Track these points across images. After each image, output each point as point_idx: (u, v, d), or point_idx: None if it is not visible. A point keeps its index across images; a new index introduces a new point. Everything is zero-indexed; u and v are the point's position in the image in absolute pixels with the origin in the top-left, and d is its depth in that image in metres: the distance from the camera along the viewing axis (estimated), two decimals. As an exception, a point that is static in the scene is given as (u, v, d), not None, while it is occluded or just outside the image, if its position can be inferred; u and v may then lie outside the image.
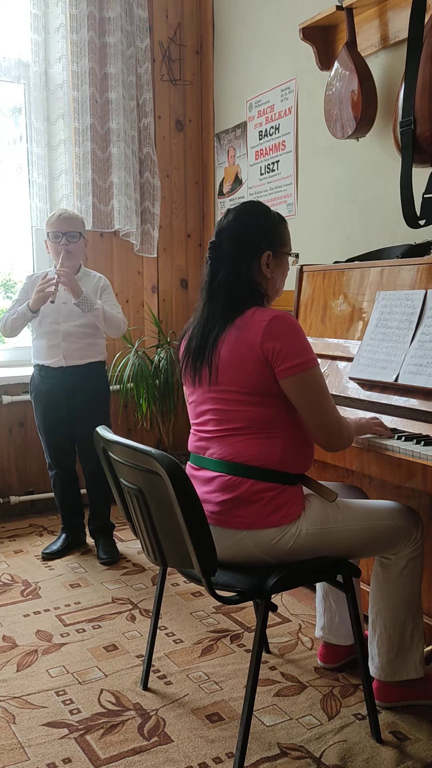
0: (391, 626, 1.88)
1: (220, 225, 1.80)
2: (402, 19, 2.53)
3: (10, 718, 1.93)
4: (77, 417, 3.02)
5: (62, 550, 3.08)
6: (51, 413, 3.01)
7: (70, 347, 2.96)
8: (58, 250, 2.91)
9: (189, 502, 1.53)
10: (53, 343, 2.96)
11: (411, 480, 1.79)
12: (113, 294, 3.08)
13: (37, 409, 3.06)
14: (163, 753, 1.78)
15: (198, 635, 2.38)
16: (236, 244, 1.76)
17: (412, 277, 2.20)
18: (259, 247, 1.77)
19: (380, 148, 2.74)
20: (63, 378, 2.98)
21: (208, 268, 1.79)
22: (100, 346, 3.06)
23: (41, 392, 3.02)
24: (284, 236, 1.83)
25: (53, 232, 2.92)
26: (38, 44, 3.47)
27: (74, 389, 2.99)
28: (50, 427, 3.03)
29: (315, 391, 1.68)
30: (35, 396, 3.05)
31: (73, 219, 2.94)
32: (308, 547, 1.72)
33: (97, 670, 2.17)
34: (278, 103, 3.34)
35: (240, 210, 1.81)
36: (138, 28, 3.66)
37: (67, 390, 2.98)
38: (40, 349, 3.00)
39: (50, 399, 3.00)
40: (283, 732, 1.85)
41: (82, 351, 2.99)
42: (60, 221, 2.91)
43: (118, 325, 2.99)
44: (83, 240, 2.99)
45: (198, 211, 4.04)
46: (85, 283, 2.98)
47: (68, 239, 2.91)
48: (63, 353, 2.96)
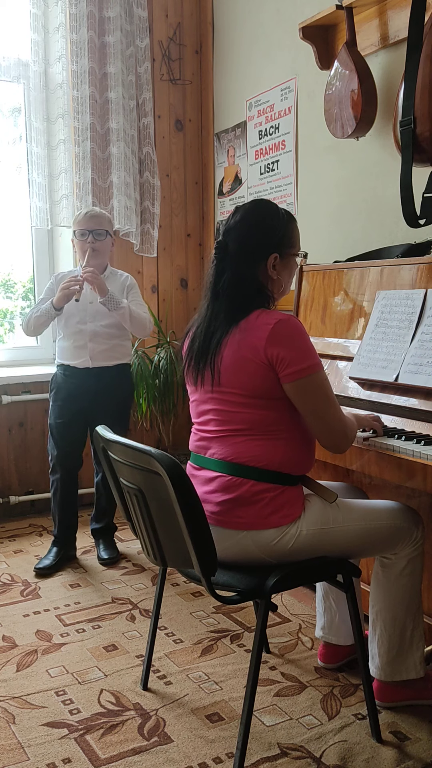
0: (391, 626, 1.88)
1: (228, 224, 1.78)
2: (402, 18, 2.52)
3: (10, 718, 1.93)
4: (98, 417, 2.92)
5: (55, 565, 2.96)
6: (68, 412, 2.96)
7: (97, 348, 2.93)
8: (84, 249, 2.89)
9: (189, 502, 1.53)
10: (80, 344, 2.93)
11: (411, 480, 1.78)
12: (139, 293, 3.06)
13: (54, 406, 3.00)
14: (163, 753, 1.77)
15: (198, 635, 2.37)
16: (242, 246, 1.74)
17: (412, 277, 2.20)
18: (265, 249, 1.75)
19: (380, 148, 2.74)
20: (89, 379, 2.94)
21: (213, 268, 1.78)
22: (126, 347, 3.03)
23: (62, 390, 2.97)
24: (292, 237, 1.81)
25: (80, 230, 2.90)
26: (38, 44, 3.47)
27: (99, 391, 2.94)
28: (63, 426, 2.97)
29: (320, 395, 1.68)
30: (55, 393, 3.00)
31: (99, 217, 2.93)
32: (308, 548, 1.72)
33: (97, 670, 2.17)
34: (278, 103, 3.34)
35: (248, 209, 1.78)
36: (138, 28, 3.66)
37: (92, 391, 2.94)
38: (66, 349, 2.97)
39: (70, 398, 2.95)
40: (284, 732, 1.85)
41: (109, 352, 2.96)
42: (87, 219, 2.89)
43: (144, 325, 2.96)
44: (110, 239, 2.97)
45: (198, 211, 4.04)
46: (111, 282, 2.96)
47: (95, 237, 2.88)
48: (90, 354, 2.92)
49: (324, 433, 1.72)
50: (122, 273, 3.07)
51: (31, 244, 3.78)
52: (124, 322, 2.93)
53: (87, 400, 2.95)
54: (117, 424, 2.08)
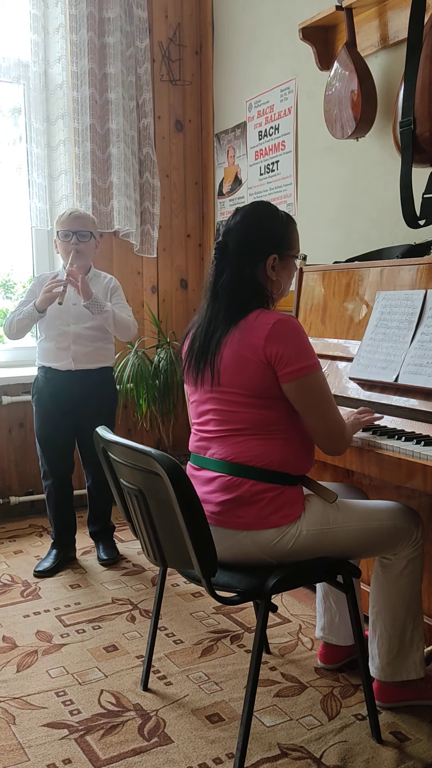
0: (391, 627, 1.88)
1: (228, 225, 1.79)
2: (402, 19, 2.53)
3: (10, 719, 1.93)
4: (83, 422, 2.92)
5: (54, 568, 2.94)
6: (52, 417, 2.92)
7: (80, 350, 2.89)
8: (68, 250, 2.85)
9: (189, 503, 1.53)
10: (62, 346, 2.88)
11: (411, 480, 1.78)
12: (123, 295, 3.02)
13: (37, 412, 2.96)
14: (164, 754, 1.77)
15: (198, 636, 2.38)
16: (242, 246, 1.75)
17: (412, 277, 2.20)
18: (265, 250, 1.76)
19: (380, 148, 2.74)
20: (72, 382, 2.90)
21: (213, 269, 1.78)
22: (109, 350, 3.00)
23: (44, 395, 2.92)
24: (292, 239, 1.82)
25: (63, 230, 2.86)
26: (38, 44, 3.47)
27: (82, 394, 2.91)
28: (49, 432, 2.93)
29: (317, 395, 1.68)
30: (37, 399, 2.95)
31: (84, 218, 2.89)
32: (308, 548, 1.72)
33: (97, 671, 2.17)
34: (278, 104, 3.34)
35: (248, 211, 1.79)
36: (137, 29, 3.66)
37: (75, 394, 2.90)
38: (48, 351, 2.91)
39: (53, 402, 2.91)
40: (284, 732, 1.85)
41: (92, 355, 2.92)
42: (71, 220, 2.85)
43: (128, 328, 2.92)
44: (94, 240, 2.93)
45: (198, 212, 4.04)
46: (95, 284, 2.92)
47: (78, 238, 2.85)
48: (72, 356, 2.88)
49: (322, 434, 1.72)
50: (106, 275, 3.03)
51: (31, 244, 3.78)
52: (108, 326, 2.89)
53: (70, 403, 2.91)
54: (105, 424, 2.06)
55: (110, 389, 3.03)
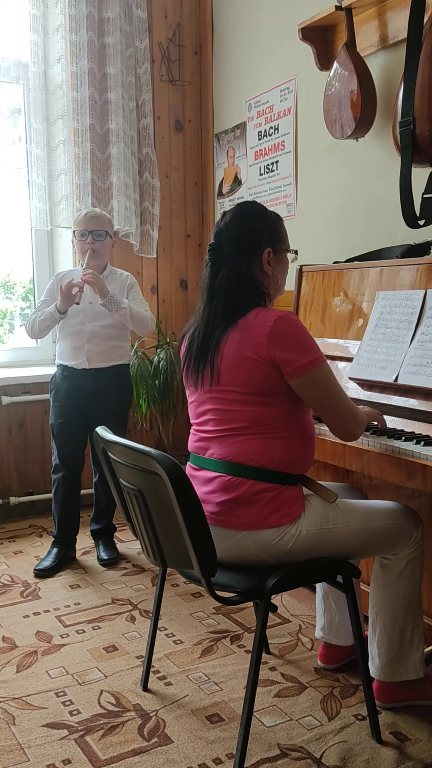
0: (391, 627, 1.88)
1: (218, 227, 1.81)
2: (401, 19, 2.53)
3: (10, 719, 1.93)
4: (96, 418, 2.89)
5: (55, 567, 2.95)
6: (66, 413, 2.96)
7: (94, 349, 2.93)
8: (84, 249, 2.89)
9: (189, 503, 1.53)
10: (77, 345, 2.93)
11: (411, 480, 1.78)
12: (140, 292, 3.06)
13: (54, 407, 3.01)
14: (163, 754, 1.77)
15: (198, 636, 2.37)
16: (236, 244, 1.76)
17: (411, 277, 2.20)
18: (258, 245, 1.77)
19: (380, 149, 2.74)
20: (86, 380, 2.94)
21: (209, 269, 1.79)
22: (125, 348, 3.03)
23: (61, 390, 2.98)
24: (282, 233, 1.84)
25: (80, 230, 2.90)
26: (37, 45, 3.47)
27: (97, 392, 2.94)
28: (63, 427, 2.98)
29: (326, 388, 1.70)
30: (55, 394, 3.01)
31: (99, 218, 2.93)
32: (308, 548, 1.72)
33: (96, 671, 2.17)
34: (277, 104, 3.34)
35: (237, 210, 1.82)
36: (137, 29, 3.66)
37: (89, 392, 2.94)
38: (65, 349, 2.97)
39: (69, 399, 2.96)
40: (283, 733, 1.85)
41: (107, 353, 2.95)
42: (86, 220, 2.90)
43: (146, 323, 2.96)
44: (110, 239, 2.97)
45: (197, 212, 4.04)
46: (111, 282, 2.96)
47: (94, 238, 2.89)
48: (87, 355, 2.92)
49: (336, 423, 1.75)
50: (122, 272, 3.07)
51: (31, 245, 3.78)
52: (126, 322, 2.93)
53: (85, 401, 2.95)
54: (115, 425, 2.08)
55: (124, 387, 3.06)
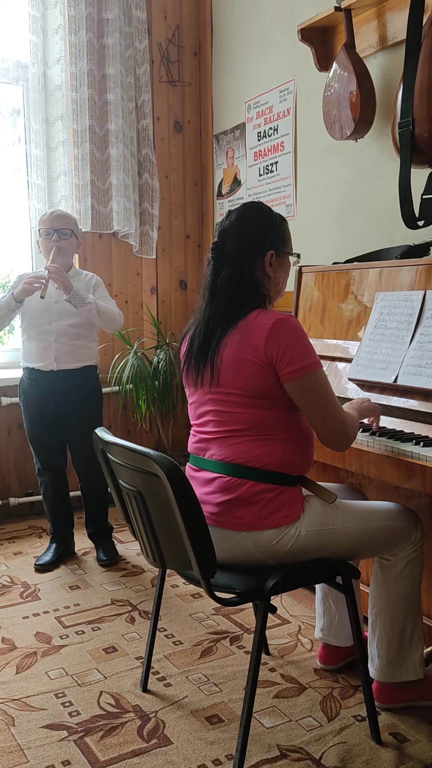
0: (390, 627, 1.88)
1: (222, 225, 1.80)
2: (400, 20, 2.53)
3: (10, 720, 1.93)
4: (69, 423, 2.95)
5: (54, 561, 2.97)
6: (40, 418, 2.95)
7: (62, 349, 2.90)
8: (49, 247, 2.88)
9: (188, 504, 1.53)
10: (44, 345, 2.90)
11: (410, 481, 1.78)
12: (106, 290, 3.04)
13: (25, 413, 2.99)
14: (163, 755, 1.77)
15: (197, 637, 2.37)
16: (239, 244, 1.76)
17: (411, 278, 2.20)
18: (262, 246, 1.77)
19: (379, 149, 2.74)
20: (54, 382, 2.91)
21: (211, 269, 1.79)
22: (92, 349, 3.00)
23: (30, 396, 2.95)
24: (286, 236, 1.83)
25: (45, 228, 2.89)
26: (37, 46, 3.47)
27: (66, 394, 2.92)
28: (39, 433, 2.97)
29: (319, 394, 1.69)
30: (24, 400, 2.99)
31: (65, 217, 2.92)
32: (308, 549, 1.72)
33: (96, 672, 2.17)
34: (277, 104, 3.34)
35: (242, 210, 1.81)
36: (136, 30, 3.66)
37: (58, 395, 2.91)
38: (31, 351, 2.94)
39: (39, 403, 2.93)
40: (283, 734, 1.85)
41: (74, 353, 2.92)
42: (52, 219, 2.89)
43: (113, 318, 2.94)
44: (75, 239, 2.94)
45: (197, 213, 4.04)
46: (76, 282, 2.93)
47: (60, 236, 2.87)
48: (54, 355, 2.90)
49: (325, 431, 1.73)
50: (87, 273, 3.05)
51: (30, 245, 3.78)
52: (92, 318, 2.90)
53: (56, 404, 2.93)
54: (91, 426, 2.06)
55: (93, 389, 3.03)
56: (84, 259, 3.70)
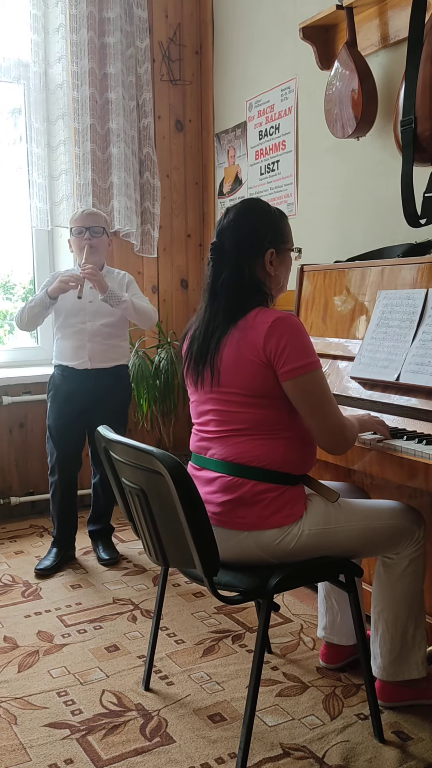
0: (393, 626, 1.88)
1: (221, 225, 1.79)
2: (402, 18, 2.52)
3: (12, 719, 1.93)
4: (96, 417, 2.92)
5: (55, 566, 2.95)
6: (66, 415, 2.95)
7: (96, 348, 2.92)
8: (81, 246, 2.88)
9: (191, 502, 1.53)
10: (79, 344, 2.92)
11: (413, 479, 1.78)
12: (138, 287, 3.06)
13: (51, 408, 2.99)
14: (165, 753, 1.77)
15: (199, 636, 2.37)
16: (238, 244, 1.75)
17: (413, 277, 2.20)
18: (261, 245, 1.76)
19: (381, 148, 2.74)
20: (87, 380, 2.93)
21: (211, 269, 1.78)
22: (124, 348, 3.03)
23: (60, 392, 2.96)
24: (286, 232, 1.82)
25: (77, 227, 2.90)
26: (38, 44, 3.47)
27: (98, 393, 2.93)
28: (62, 430, 2.96)
29: (317, 394, 1.67)
30: (53, 395, 2.99)
31: (96, 215, 2.94)
32: (310, 548, 1.72)
33: (98, 671, 2.17)
34: (278, 103, 3.34)
35: (240, 208, 1.79)
36: (138, 29, 3.66)
37: (91, 393, 2.93)
38: (65, 349, 2.95)
39: (69, 400, 2.94)
40: (286, 732, 1.84)
41: (107, 353, 2.94)
42: (83, 217, 2.90)
43: (149, 316, 2.96)
44: (107, 237, 2.97)
45: (198, 212, 4.04)
46: (109, 280, 2.94)
47: (92, 234, 2.89)
48: (88, 354, 2.91)
49: (322, 433, 1.71)
50: (119, 271, 3.07)
51: (32, 245, 3.78)
52: (129, 316, 2.92)
53: (86, 402, 2.94)
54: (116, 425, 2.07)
55: (124, 387, 3.06)
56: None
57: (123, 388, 3.05)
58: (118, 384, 3.01)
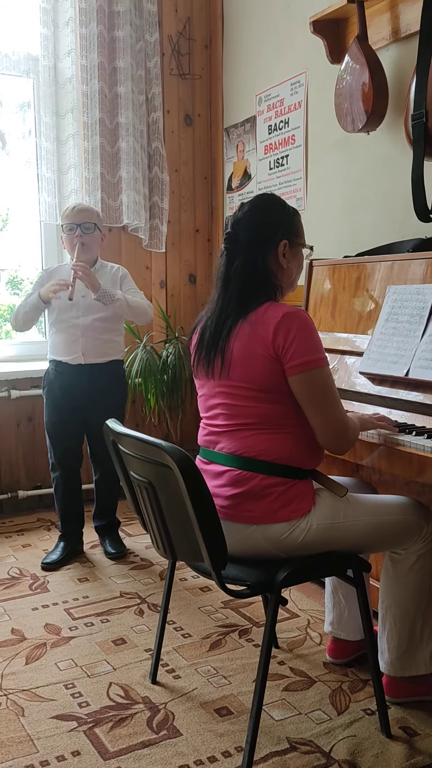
0: (401, 621, 1.87)
1: (236, 216, 1.79)
2: (413, 11, 2.51)
3: (19, 711, 1.94)
4: (92, 417, 2.92)
5: (62, 560, 2.95)
6: (62, 411, 2.93)
7: (90, 343, 2.89)
8: (72, 243, 2.85)
9: (200, 496, 1.53)
10: (72, 339, 2.89)
11: (422, 475, 1.77)
12: (133, 282, 3.02)
13: (47, 405, 2.97)
14: (172, 746, 1.77)
15: (206, 630, 2.37)
16: (253, 234, 1.75)
17: (423, 271, 2.19)
18: (275, 236, 1.76)
19: (391, 142, 2.72)
20: (81, 376, 2.90)
21: (224, 259, 1.78)
22: (119, 343, 3.00)
23: (55, 388, 2.94)
24: (299, 227, 1.83)
25: (68, 224, 2.86)
26: (47, 38, 3.47)
27: (92, 388, 2.91)
28: (59, 426, 2.95)
29: (321, 391, 1.67)
30: (48, 392, 2.97)
31: (88, 211, 2.89)
32: (318, 542, 1.71)
33: (105, 664, 2.17)
34: (288, 97, 3.33)
35: (255, 201, 1.81)
36: (147, 22, 3.65)
37: (84, 388, 2.91)
38: (58, 344, 2.92)
39: (64, 396, 2.92)
40: (293, 726, 1.84)
41: (102, 348, 2.92)
42: (74, 213, 2.86)
43: (144, 311, 2.92)
44: (99, 232, 2.93)
45: (207, 206, 4.03)
46: (102, 275, 2.92)
47: (83, 231, 2.85)
48: (82, 349, 2.89)
49: (324, 431, 1.70)
50: (113, 265, 3.02)
51: (40, 239, 3.78)
52: (123, 313, 2.89)
53: (81, 397, 2.92)
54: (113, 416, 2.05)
55: (120, 383, 3.03)
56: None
57: (118, 384, 3.01)
58: (112, 380, 2.97)
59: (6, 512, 3.61)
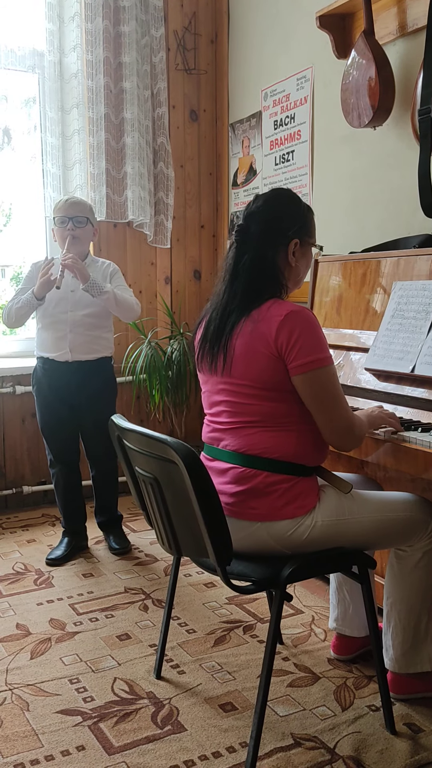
0: (405, 618, 1.87)
1: (249, 209, 1.78)
2: (420, 6, 2.49)
3: (24, 706, 1.94)
4: (83, 412, 2.92)
5: (66, 556, 2.95)
6: (53, 408, 2.91)
7: (77, 339, 2.86)
8: (64, 236, 2.83)
9: (205, 491, 1.53)
10: (59, 335, 2.86)
11: (427, 472, 1.77)
12: (123, 278, 2.99)
13: (38, 403, 2.95)
14: (177, 741, 1.78)
15: (211, 625, 2.38)
16: (265, 229, 1.74)
17: (429, 268, 2.18)
18: (287, 233, 1.75)
19: (397, 137, 2.71)
20: (69, 373, 2.88)
21: (234, 251, 1.77)
22: (107, 340, 2.96)
23: (44, 386, 2.91)
24: (311, 226, 1.82)
25: (59, 217, 2.83)
26: (53, 33, 3.46)
27: (80, 386, 2.88)
28: (52, 423, 2.93)
29: (326, 390, 1.66)
30: (37, 390, 2.95)
31: (80, 204, 2.87)
32: (323, 539, 1.71)
33: (110, 659, 2.18)
34: (294, 93, 3.31)
35: (270, 196, 1.79)
36: (153, 17, 3.64)
37: (72, 386, 2.88)
38: (45, 340, 2.90)
39: (53, 393, 2.90)
40: (297, 722, 1.85)
41: (90, 344, 2.88)
42: (67, 206, 2.84)
43: (131, 308, 2.89)
44: (91, 227, 2.90)
45: (212, 202, 4.03)
46: (93, 270, 2.89)
47: (75, 224, 2.82)
48: (69, 346, 2.85)
49: (329, 430, 1.69)
50: (104, 261, 3.00)
51: (45, 234, 3.78)
52: (110, 308, 2.86)
53: (70, 396, 2.90)
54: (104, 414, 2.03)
55: (108, 380, 3.00)
56: (98, 248, 3.69)
57: (107, 380, 2.98)
58: (100, 376, 2.94)
59: (11, 508, 3.62)
